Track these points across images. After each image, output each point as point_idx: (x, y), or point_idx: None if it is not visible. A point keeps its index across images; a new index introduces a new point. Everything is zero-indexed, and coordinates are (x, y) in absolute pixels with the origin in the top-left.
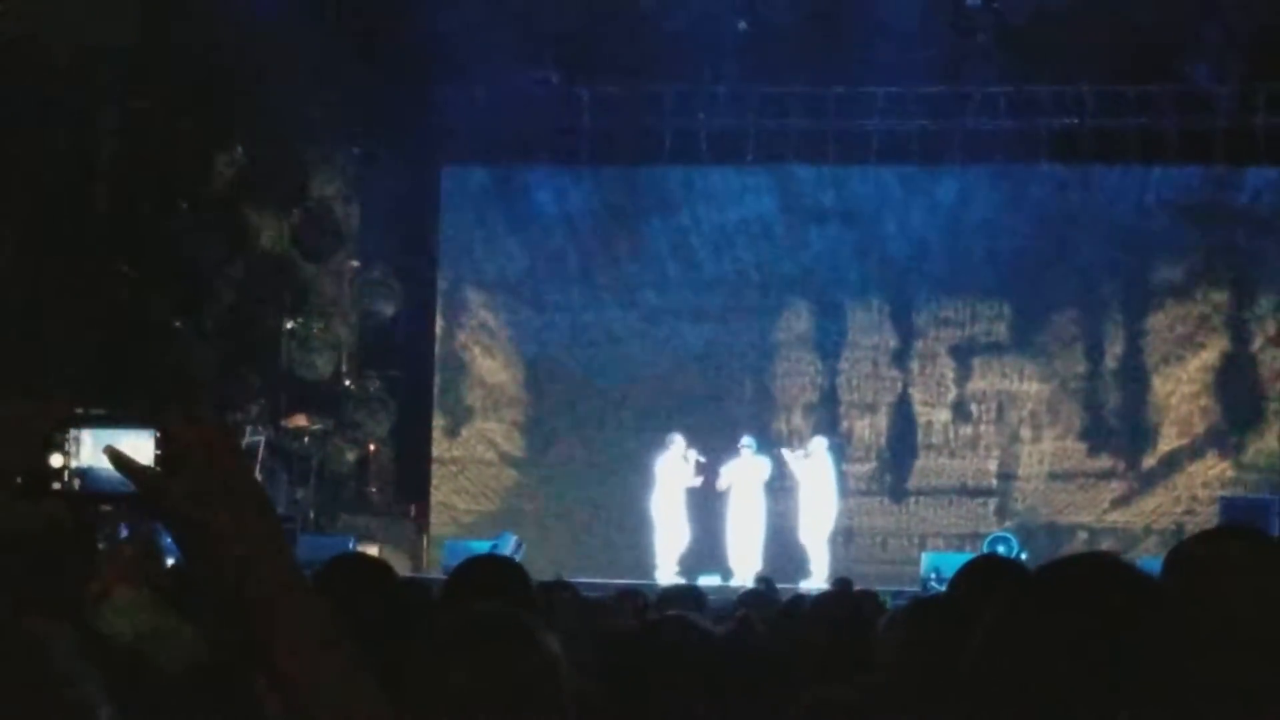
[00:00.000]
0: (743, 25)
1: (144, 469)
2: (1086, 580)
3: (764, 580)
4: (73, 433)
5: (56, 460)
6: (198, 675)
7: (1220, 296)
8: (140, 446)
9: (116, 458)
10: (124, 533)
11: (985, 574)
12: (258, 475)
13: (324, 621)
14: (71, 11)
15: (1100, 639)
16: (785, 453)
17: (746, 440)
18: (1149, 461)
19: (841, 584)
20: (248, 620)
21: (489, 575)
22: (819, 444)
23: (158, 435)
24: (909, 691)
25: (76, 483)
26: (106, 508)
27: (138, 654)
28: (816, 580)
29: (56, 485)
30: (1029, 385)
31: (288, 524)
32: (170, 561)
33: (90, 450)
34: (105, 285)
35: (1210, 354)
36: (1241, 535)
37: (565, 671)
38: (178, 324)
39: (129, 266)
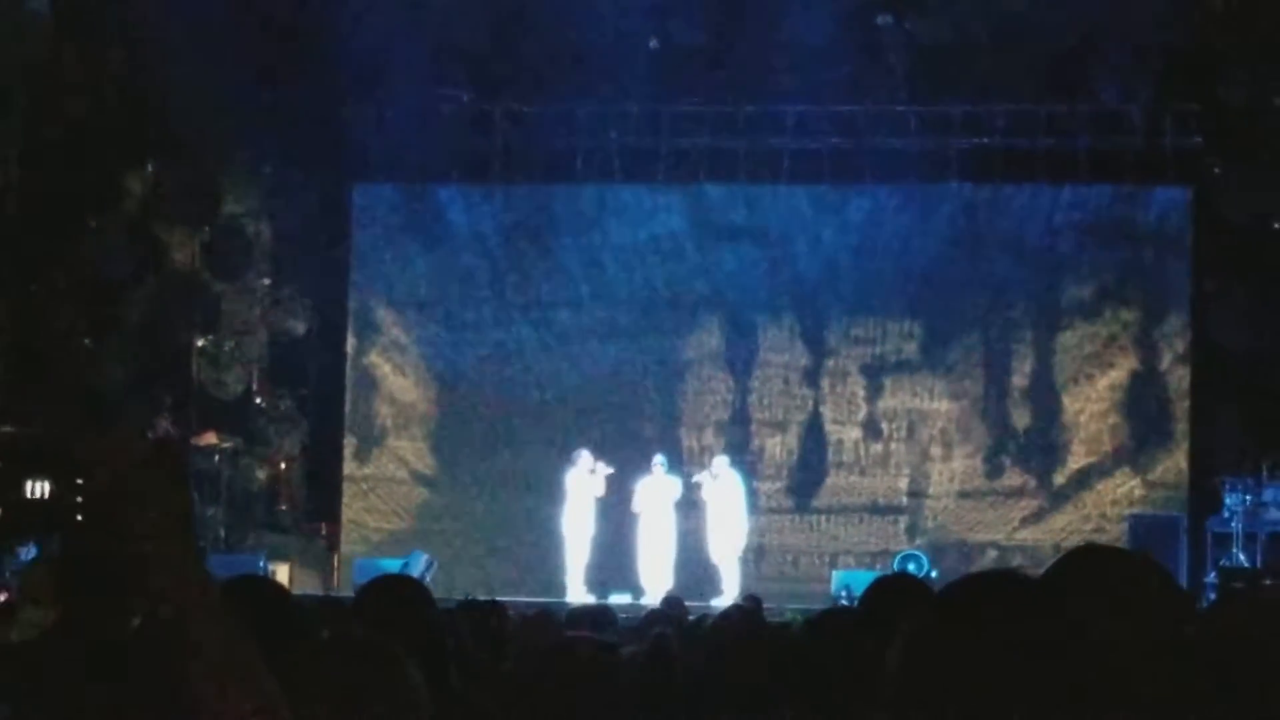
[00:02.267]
0: (654, 44)
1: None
2: (994, 598)
3: (671, 599)
4: None
5: None
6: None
7: (1129, 315)
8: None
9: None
10: (32, 552)
11: (894, 592)
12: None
13: (231, 632)
14: None
15: (1009, 655)
16: (704, 479)
17: (659, 459)
18: (1058, 480)
19: (750, 601)
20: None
21: (393, 595)
22: (722, 463)
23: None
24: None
25: None
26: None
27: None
28: (728, 598)
29: None
30: (939, 404)
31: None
32: None
33: None
34: (14, 302)
35: (1119, 373)
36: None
37: (426, 703)
38: (87, 341)
39: (37, 284)
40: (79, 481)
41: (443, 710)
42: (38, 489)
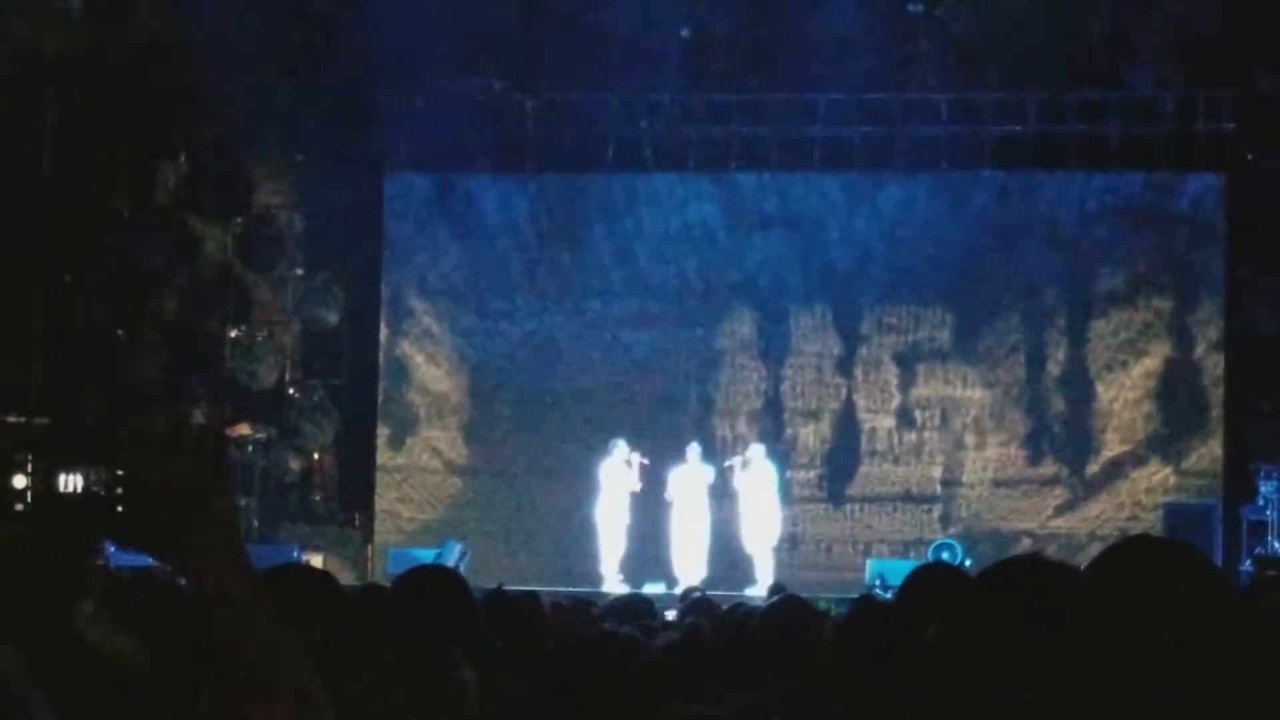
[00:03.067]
0: (686, 33)
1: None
2: (1030, 585)
3: (691, 588)
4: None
5: (19, 481)
6: (144, 684)
7: (1162, 303)
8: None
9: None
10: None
11: (932, 582)
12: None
13: (276, 629)
14: (15, 20)
15: (1045, 643)
16: (736, 466)
17: (694, 446)
18: (1092, 468)
19: (778, 591)
20: (203, 622)
21: (430, 587)
22: (757, 451)
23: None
24: (851, 696)
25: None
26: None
27: (111, 665)
28: (761, 588)
29: (19, 506)
30: (972, 392)
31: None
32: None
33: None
34: (48, 295)
35: (1153, 360)
36: (1156, 549)
37: (474, 704)
38: (120, 333)
39: (71, 275)
40: (119, 473)
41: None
42: (70, 483)
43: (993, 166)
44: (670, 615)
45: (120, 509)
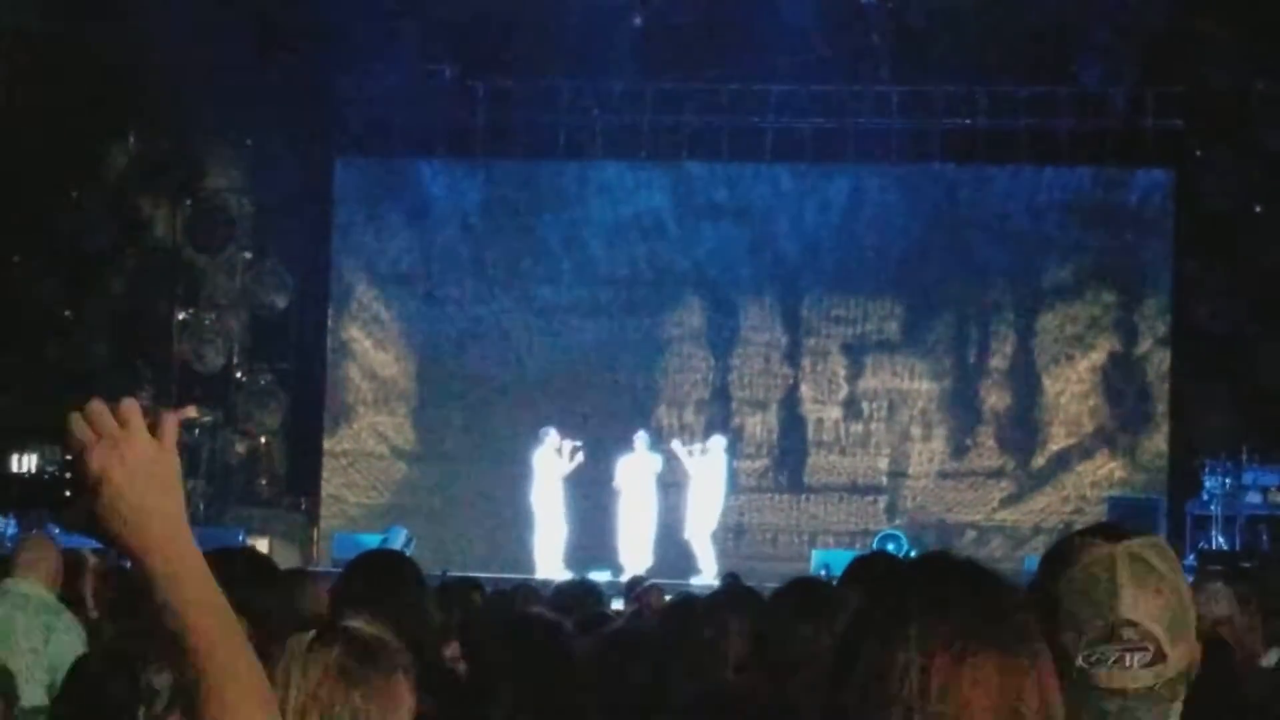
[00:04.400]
0: (638, 21)
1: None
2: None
3: (636, 577)
4: None
5: None
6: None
7: (1110, 297)
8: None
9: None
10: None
11: (872, 573)
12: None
13: (225, 614)
14: None
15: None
16: (679, 447)
17: (641, 435)
18: (1038, 461)
19: (730, 579)
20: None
21: (383, 571)
22: (717, 443)
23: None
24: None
25: None
26: None
27: None
28: (706, 577)
29: None
30: (920, 384)
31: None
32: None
33: None
34: None
35: (1099, 354)
36: (1115, 536)
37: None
38: (68, 314)
39: (18, 256)
40: (68, 457)
41: (429, 686)
42: (24, 463)
43: (943, 159)
44: (617, 605)
45: (69, 492)
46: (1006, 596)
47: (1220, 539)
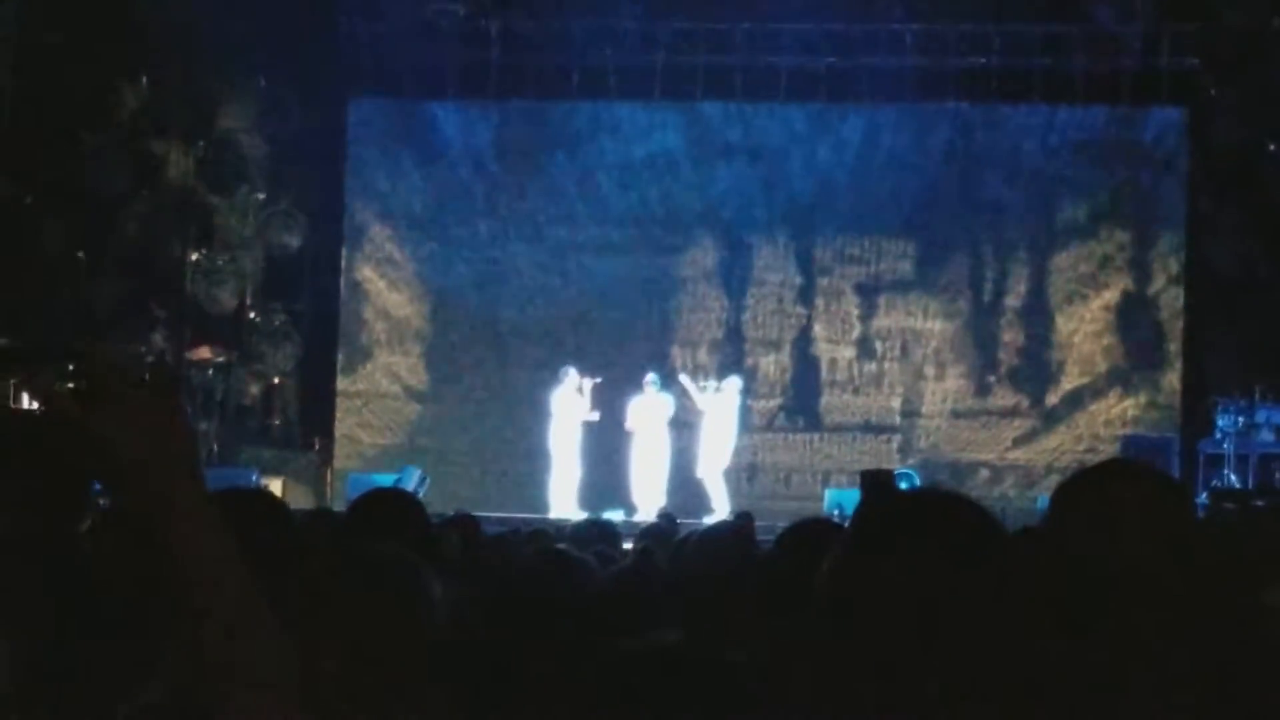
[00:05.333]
0: None
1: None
2: (925, 517)
3: (665, 515)
4: None
5: None
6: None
7: (1124, 236)
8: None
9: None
10: None
11: (808, 535)
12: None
13: (232, 553)
14: None
15: (940, 579)
16: (691, 386)
17: (651, 377)
18: (1051, 400)
19: (743, 518)
20: (158, 548)
21: (388, 510)
22: (732, 384)
23: (76, 366)
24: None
25: None
26: None
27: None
28: (720, 515)
29: None
30: (933, 323)
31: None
32: None
33: None
34: (8, 216)
35: (1113, 293)
36: (1130, 474)
37: (444, 616)
38: (81, 255)
39: (31, 198)
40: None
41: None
42: (33, 400)
43: (957, 99)
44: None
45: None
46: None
47: (1233, 477)
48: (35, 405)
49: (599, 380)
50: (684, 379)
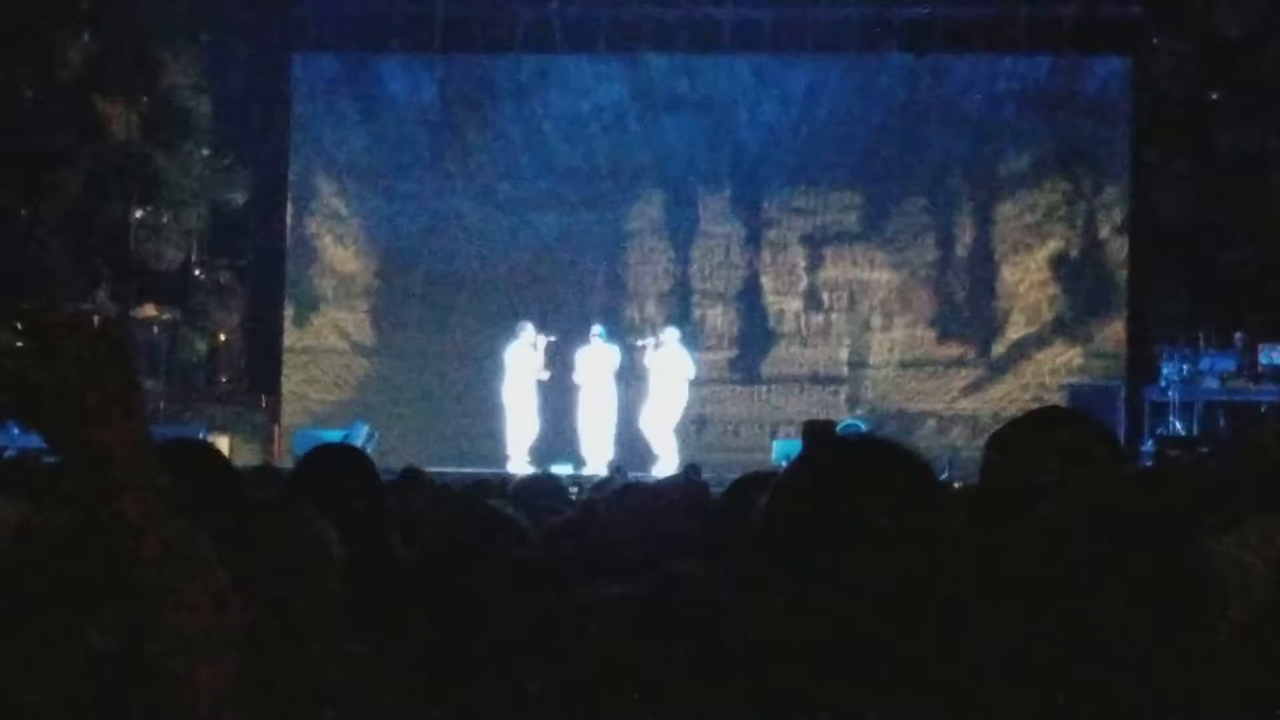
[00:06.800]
0: None
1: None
2: (854, 459)
3: (617, 468)
4: None
5: None
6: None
7: (1068, 186)
8: None
9: None
10: None
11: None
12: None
13: (184, 523)
14: None
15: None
16: (637, 342)
17: (597, 329)
18: (998, 350)
19: (691, 471)
20: (104, 507)
21: (336, 466)
22: (671, 335)
23: (19, 323)
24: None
25: None
26: None
27: None
28: (667, 468)
29: None
30: (880, 274)
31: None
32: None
33: None
34: None
35: (1058, 243)
36: (1058, 420)
37: (336, 558)
38: (24, 213)
39: None
40: (18, 348)
41: (384, 575)
42: None
43: (901, 49)
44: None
45: (19, 381)
46: None
47: (1178, 425)
48: None
49: (554, 339)
50: (644, 343)
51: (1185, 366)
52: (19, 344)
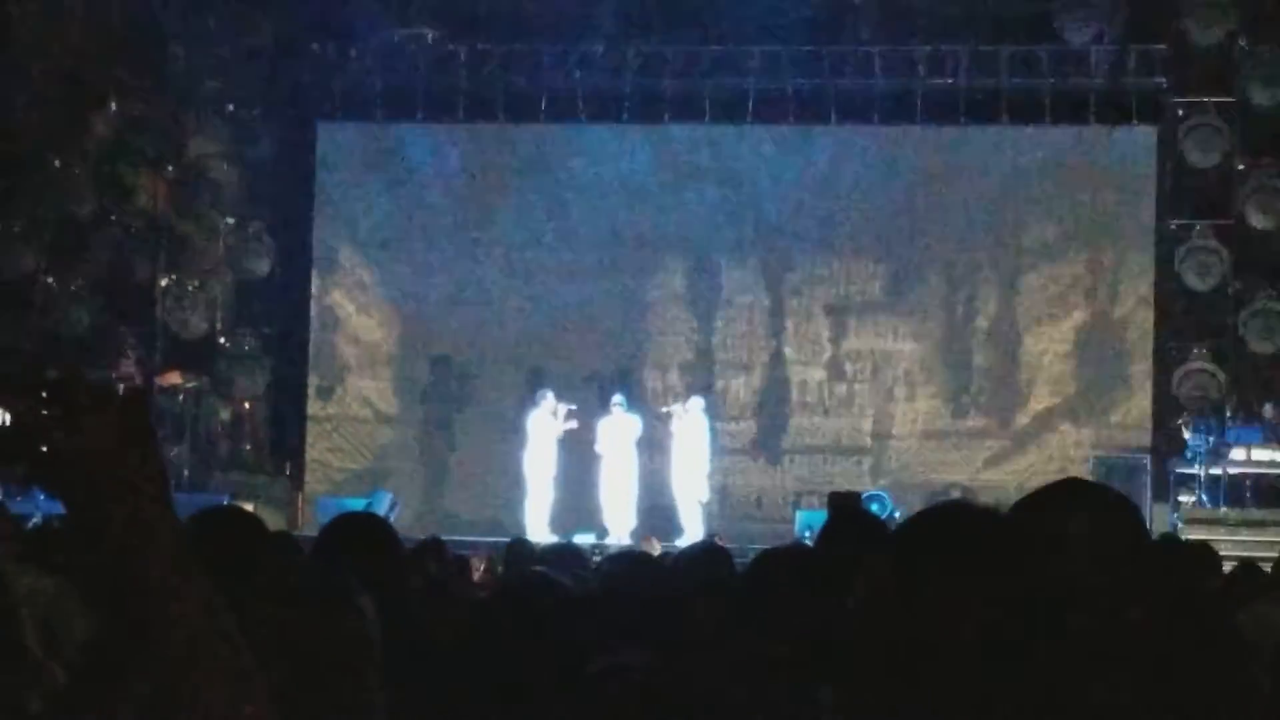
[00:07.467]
0: None
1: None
2: (954, 530)
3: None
4: None
5: None
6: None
7: (1093, 256)
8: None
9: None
10: None
11: (854, 530)
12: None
13: (205, 586)
14: None
15: (976, 591)
16: (660, 410)
17: (617, 398)
18: (1022, 420)
19: (709, 540)
20: (129, 582)
21: (357, 532)
22: (696, 404)
23: (50, 390)
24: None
25: None
26: None
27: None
28: (690, 538)
29: None
30: (903, 344)
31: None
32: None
33: None
34: None
35: (1082, 314)
36: (1080, 493)
37: (376, 632)
38: (51, 281)
39: (1, 223)
40: (45, 411)
41: (401, 643)
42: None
43: (925, 120)
44: None
45: (46, 450)
46: None
47: (1204, 497)
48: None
49: (574, 408)
50: (670, 409)
51: (1211, 438)
52: (45, 413)
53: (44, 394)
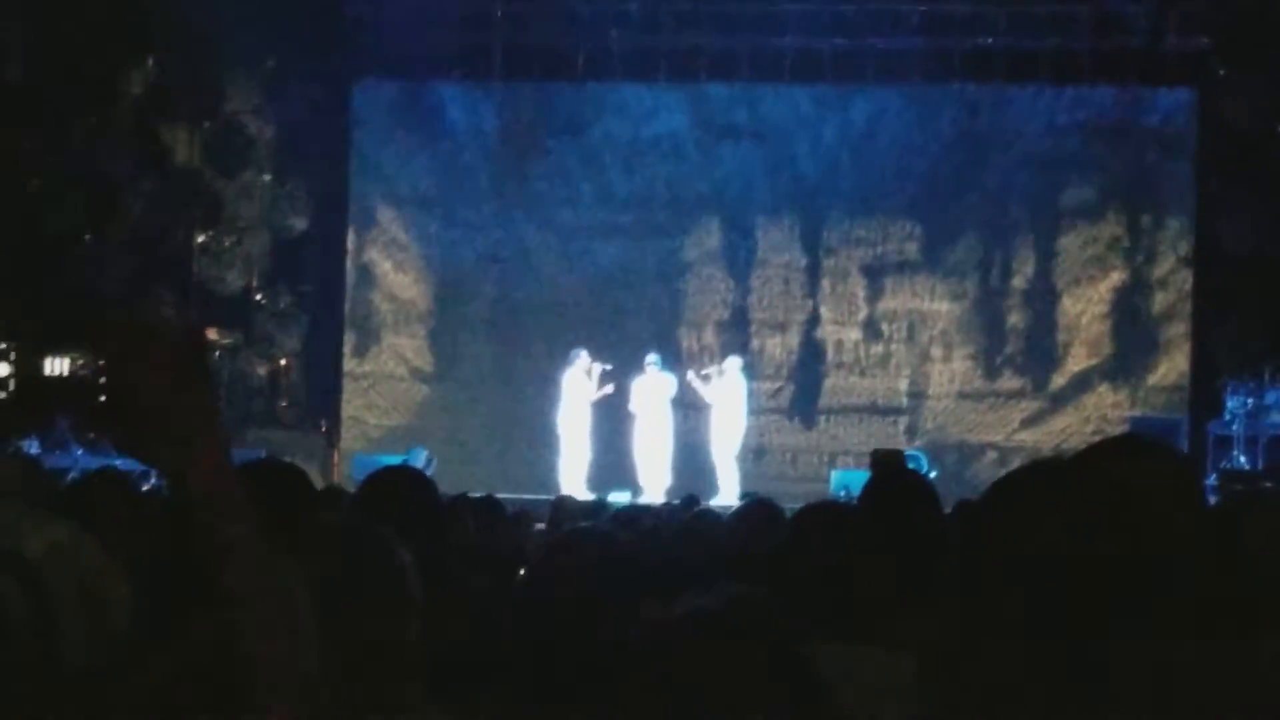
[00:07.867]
0: None
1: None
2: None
3: (689, 498)
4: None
5: (2, 369)
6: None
7: (1131, 217)
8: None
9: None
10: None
11: (897, 489)
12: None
13: (249, 511)
14: None
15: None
16: (699, 384)
17: (651, 357)
18: (1058, 382)
19: (747, 499)
20: (193, 529)
21: (398, 486)
22: (733, 363)
23: (96, 336)
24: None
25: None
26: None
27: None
28: (726, 497)
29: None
30: (940, 305)
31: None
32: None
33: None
34: (15, 200)
35: (1120, 275)
36: (1142, 450)
37: (414, 581)
38: (88, 238)
39: (37, 180)
40: (102, 360)
41: (438, 595)
42: (57, 366)
43: (963, 79)
44: None
45: (102, 397)
46: None
47: (1242, 459)
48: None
49: (609, 366)
50: (693, 372)
51: (1249, 400)
52: (102, 359)
53: (91, 341)
